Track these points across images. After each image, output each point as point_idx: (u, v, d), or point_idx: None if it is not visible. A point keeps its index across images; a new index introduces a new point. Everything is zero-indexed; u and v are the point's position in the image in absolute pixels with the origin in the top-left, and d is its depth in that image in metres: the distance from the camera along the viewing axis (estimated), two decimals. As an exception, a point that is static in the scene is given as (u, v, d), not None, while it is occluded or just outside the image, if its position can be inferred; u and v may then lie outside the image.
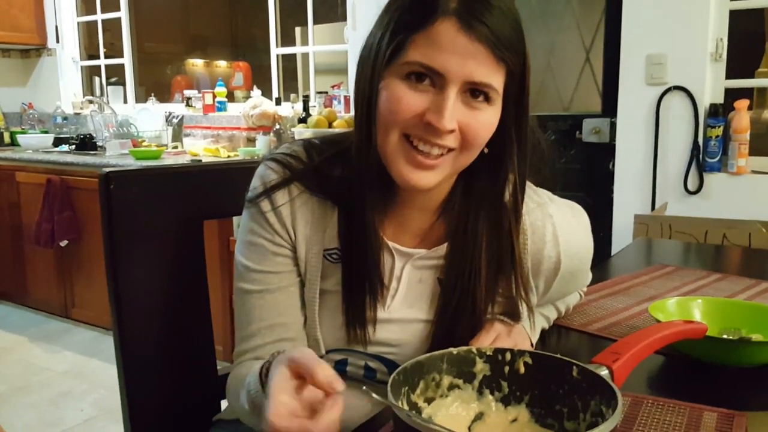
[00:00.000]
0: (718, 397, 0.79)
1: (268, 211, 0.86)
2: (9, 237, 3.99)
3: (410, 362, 0.67)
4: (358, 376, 0.91)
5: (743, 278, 1.33)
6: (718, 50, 2.53)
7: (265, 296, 0.88)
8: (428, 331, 0.88)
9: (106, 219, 1.00)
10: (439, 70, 0.73)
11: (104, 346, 3.36)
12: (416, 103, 0.75)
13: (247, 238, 0.89)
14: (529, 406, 0.70)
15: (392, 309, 0.88)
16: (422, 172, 0.78)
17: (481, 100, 0.76)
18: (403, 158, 0.78)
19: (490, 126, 0.78)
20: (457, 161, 0.79)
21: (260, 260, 0.87)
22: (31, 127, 4.63)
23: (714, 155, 2.53)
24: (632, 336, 0.75)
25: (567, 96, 2.98)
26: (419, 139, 0.77)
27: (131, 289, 1.02)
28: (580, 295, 1.12)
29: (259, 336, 0.87)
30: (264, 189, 0.86)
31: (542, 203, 0.89)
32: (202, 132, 3.95)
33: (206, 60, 5.34)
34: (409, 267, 0.88)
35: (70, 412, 2.71)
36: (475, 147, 0.79)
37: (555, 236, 0.87)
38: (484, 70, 0.74)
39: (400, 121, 0.76)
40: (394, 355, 0.89)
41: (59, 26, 4.63)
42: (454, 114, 0.75)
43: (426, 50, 0.73)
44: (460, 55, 0.73)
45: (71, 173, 3.54)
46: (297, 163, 0.87)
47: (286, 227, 0.87)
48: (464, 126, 0.76)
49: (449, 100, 0.74)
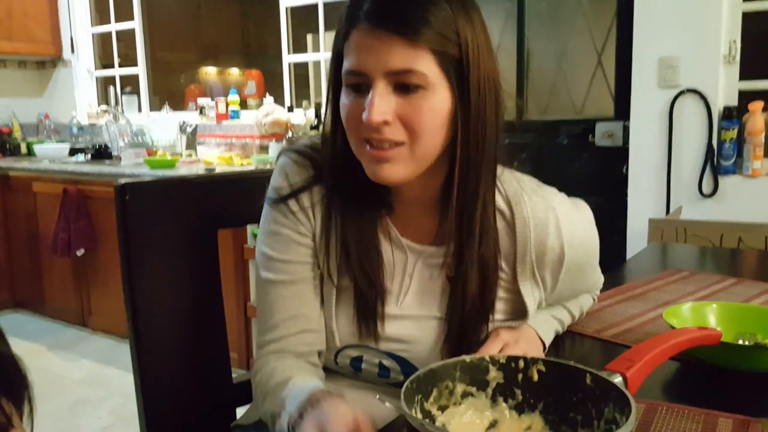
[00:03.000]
0: (734, 404, 0.78)
1: (297, 210, 0.89)
2: (26, 246, 4.03)
3: (423, 370, 0.68)
4: (372, 376, 0.92)
5: (759, 282, 1.32)
6: (731, 52, 2.52)
7: (289, 287, 0.89)
8: (440, 328, 0.89)
9: (122, 229, 1.01)
10: (361, 71, 0.78)
11: (121, 354, 3.38)
12: (358, 107, 0.79)
13: (271, 228, 0.90)
14: (542, 414, 0.70)
15: (404, 305, 0.89)
16: (384, 164, 0.80)
17: (414, 89, 0.77)
18: (365, 157, 0.82)
19: (433, 110, 0.79)
20: (414, 152, 0.80)
21: (284, 250, 0.89)
22: (48, 138, 4.69)
23: (729, 158, 2.52)
24: (646, 343, 0.74)
25: (579, 100, 2.97)
26: (370, 140, 0.80)
27: (147, 298, 1.03)
28: (593, 299, 1.12)
29: (283, 327, 0.89)
30: (291, 190, 0.89)
31: (545, 195, 0.90)
32: (216, 140, 3.98)
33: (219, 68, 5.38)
34: (421, 264, 0.90)
35: (88, 419, 2.73)
36: (425, 134, 0.79)
37: (558, 227, 0.87)
38: (401, 57, 0.76)
39: (351, 128, 0.82)
40: (407, 352, 0.89)
41: (74, 37, 4.68)
42: (383, 106, 0.77)
43: (350, 58, 0.79)
44: (374, 51, 0.77)
45: (87, 183, 3.58)
46: (317, 155, 0.90)
47: (309, 218, 0.89)
48: (403, 116, 0.78)
49: (375, 94, 0.77)
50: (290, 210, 0.89)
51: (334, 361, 0.92)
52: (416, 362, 0.89)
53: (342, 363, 0.92)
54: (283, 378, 0.84)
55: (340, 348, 0.90)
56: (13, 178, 4.02)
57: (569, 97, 3.00)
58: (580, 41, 2.92)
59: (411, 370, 0.88)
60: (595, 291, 1.10)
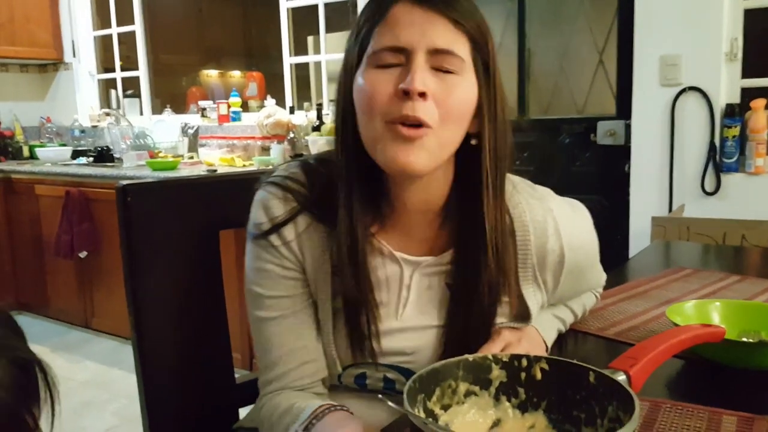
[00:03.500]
0: (738, 401, 0.78)
1: (279, 245, 0.87)
2: (30, 249, 4.04)
3: (426, 369, 0.68)
4: (378, 389, 0.92)
5: (762, 279, 1.32)
6: (733, 50, 2.51)
7: (281, 322, 0.88)
8: (441, 336, 0.88)
9: (124, 231, 1.01)
10: (402, 45, 0.77)
11: (124, 355, 3.38)
12: (389, 82, 0.77)
13: (256, 265, 0.89)
14: (546, 413, 0.69)
15: (405, 317, 0.88)
16: (410, 146, 0.77)
17: (451, 72, 0.78)
18: (389, 137, 0.77)
19: (464, 96, 0.79)
20: (440, 137, 0.78)
21: (272, 286, 0.88)
22: (50, 141, 4.69)
23: (731, 155, 2.51)
24: (649, 340, 0.74)
25: (581, 99, 2.97)
26: (399, 121, 0.76)
27: (149, 299, 1.03)
28: (596, 297, 1.11)
29: (282, 363, 0.88)
30: (272, 225, 0.86)
31: (541, 198, 0.90)
32: (218, 142, 3.98)
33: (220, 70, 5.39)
34: (418, 275, 0.89)
35: (92, 421, 2.73)
36: (455, 119, 0.79)
37: (557, 230, 0.88)
38: (444, 36, 0.77)
39: (377, 106, 0.77)
40: (411, 363, 0.89)
41: (75, 40, 4.69)
42: (425, 78, 0.76)
43: (388, 34, 0.78)
44: (418, 26, 0.77)
45: (89, 185, 3.58)
46: (298, 187, 0.87)
47: (295, 253, 0.87)
48: (438, 94, 0.77)
49: (416, 64, 0.76)
50: (272, 245, 0.87)
51: (338, 381, 0.92)
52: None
53: (346, 382, 0.92)
54: (288, 405, 0.85)
55: (346, 366, 0.90)
56: (15, 181, 4.03)
57: (571, 96, 3.00)
58: (581, 40, 2.92)
59: None
60: (597, 289, 1.10)
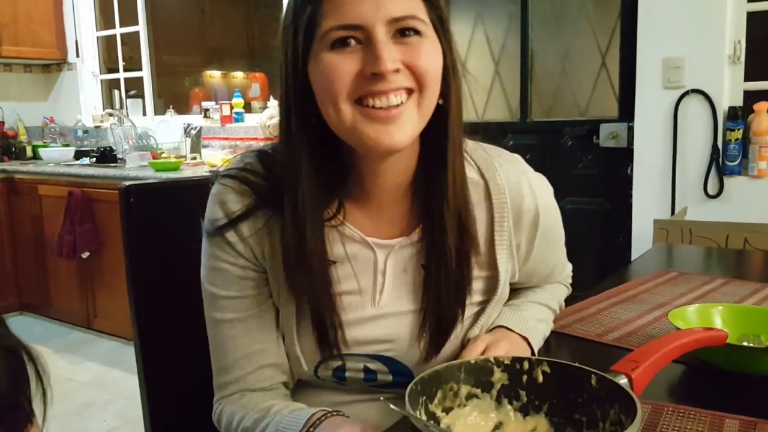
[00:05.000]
0: (740, 406, 0.77)
1: (235, 242, 0.83)
2: (32, 249, 4.05)
3: (428, 372, 0.68)
4: (358, 383, 0.88)
5: (748, 282, 1.32)
6: (736, 52, 2.51)
7: (237, 325, 0.85)
8: (420, 321, 0.85)
9: (127, 231, 1.01)
10: (357, 24, 0.72)
11: (126, 356, 3.39)
12: (351, 65, 0.73)
13: (211, 263, 0.85)
14: (548, 416, 0.69)
15: (382, 304, 0.85)
16: (390, 126, 0.74)
17: (412, 35, 0.74)
18: (365, 120, 0.74)
19: (434, 57, 0.76)
20: (420, 105, 0.76)
21: (227, 285, 0.84)
22: (53, 141, 4.70)
23: (734, 158, 2.51)
24: (651, 344, 0.74)
25: (583, 101, 2.97)
26: (372, 96, 0.74)
27: (151, 300, 1.03)
28: (567, 288, 1.10)
29: (238, 367, 0.85)
30: (227, 221, 0.82)
31: (514, 161, 0.90)
32: (220, 143, 3.98)
33: (223, 71, 5.39)
34: (392, 259, 0.85)
35: (93, 422, 2.73)
36: (431, 82, 0.76)
37: (531, 189, 0.88)
38: (400, 3, 0.73)
39: (343, 89, 0.74)
40: (391, 351, 0.86)
41: (79, 41, 4.70)
42: (393, 54, 0.73)
43: (337, 13, 0.72)
44: (370, 1, 0.72)
45: (92, 185, 3.59)
46: (256, 179, 0.83)
47: (252, 250, 0.83)
48: (409, 63, 0.74)
49: (380, 42, 0.72)
50: (228, 242, 0.83)
51: (315, 375, 0.87)
52: (402, 359, 0.86)
53: (324, 376, 0.87)
54: (260, 411, 0.81)
55: (317, 363, 0.86)
56: (18, 181, 4.04)
57: (573, 98, 3.00)
58: (584, 42, 2.91)
59: (398, 368, 0.87)
60: (566, 279, 1.09)
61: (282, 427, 0.76)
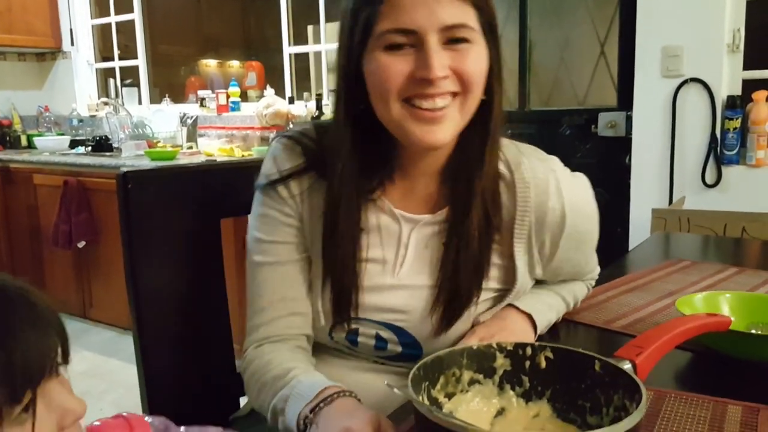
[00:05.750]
0: (745, 392, 0.77)
1: (285, 196, 0.90)
2: (27, 238, 4.03)
3: (430, 357, 0.67)
4: (369, 349, 0.92)
5: (761, 271, 1.31)
6: (735, 41, 2.50)
7: (277, 268, 0.90)
8: (433, 295, 0.89)
9: (124, 218, 1.00)
10: (411, 28, 0.77)
11: (122, 345, 3.38)
12: (403, 67, 0.78)
13: (259, 211, 0.92)
14: (550, 401, 0.69)
15: (401, 275, 0.89)
16: (434, 126, 0.80)
17: (462, 43, 0.79)
18: (411, 119, 0.80)
19: (481, 62, 0.81)
20: (463, 107, 0.82)
21: (271, 231, 0.90)
22: (48, 130, 4.68)
23: (732, 148, 2.50)
24: (655, 329, 0.74)
25: (582, 90, 2.96)
26: (420, 98, 0.79)
27: (150, 288, 1.02)
28: (588, 288, 1.10)
29: (272, 309, 0.90)
30: (279, 176, 0.89)
31: (545, 159, 0.91)
32: (217, 132, 3.97)
33: (219, 60, 5.36)
34: (416, 233, 0.90)
35: (90, 411, 2.70)
36: (475, 87, 0.81)
37: (558, 189, 0.88)
38: (453, 11, 0.78)
39: (394, 88, 0.79)
40: (404, 322, 0.89)
41: (74, 29, 4.67)
42: (442, 61, 0.78)
43: (393, 16, 0.77)
44: (424, 6, 0.77)
45: (88, 175, 3.57)
46: (309, 143, 0.90)
47: (298, 205, 0.90)
48: (457, 68, 0.79)
49: (431, 49, 0.77)
50: (279, 195, 0.90)
51: (329, 336, 0.92)
52: (413, 331, 0.90)
53: (338, 338, 0.92)
54: (281, 371, 0.84)
55: (335, 322, 0.90)
56: (13, 170, 4.01)
57: (572, 87, 2.99)
58: (583, 31, 2.90)
59: (408, 340, 0.90)
60: (590, 280, 1.09)
61: (296, 392, 0.78)
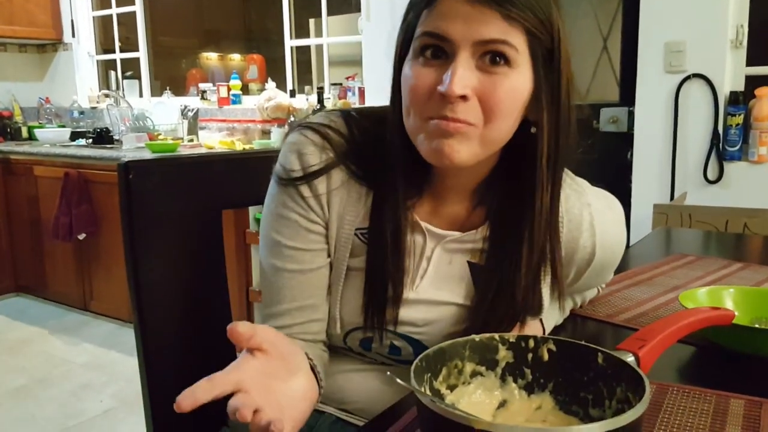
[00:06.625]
0: (748, 386, 0.77)
1: (308, 196, 0.83)
2: (28, 230, 4.03)
3: (432, 349, 0.67)
4: (382, 353, 0.90)
5: (766, 267, 1.31)
6: (739, 37, 2.49)
7: (298, 277, 0.85)
8: (458, 315, 0.86)
9: (125, 209, 1.00)
10: (444, 35, 0.72)
11: (123, 338, 3.39)
12: (429, 77, 0.74)
13: (279, 211, 0.85)
14: (553, 394, 0.69)
15: (420, 289, 0.86)
16: (449, 140, 0.73)
17: (501, 64, 0.73)
18: (429, 130, 0.75)
19: (513, 91, 0.74)
20: (485, 135, 0.75)
21: (293, 236, 0.84)
22: (48, 122, 4.67)
23: (734, 144, 2.50)
24: (658, 322, 0.73)
25: (584, 85, 2.95)
26: (437, 119, 0.74)
27: (151, 279, 1.02)
28: (598, 290, 1.11)
29: (289, 316, 0.86)
30: (304, 174, 0.82)
31: (580, 191, 0.86)
32: (218, 125, 3.96)
33: (220, 53, 5.35)
34: (440, 249, 0.86)
35: (91, 403, 2.73)
36: (501, 116, 0.74)
37: (592, 226, 0.85)
38: (493, 28, 0.71)
39: (416, 100, 0.75)
40: (422, 335, 0.87)
41: (75, 21, 4.66)
42: (466, 79, 0.72)
43: (432, 21, 0.73)
44: (464, 19, 0.71)
45: (88, 167, 3.57)
46: (338, 138, 0.84)
47: (322, 207, 0.84)
48: (482, 93, 0.73)
49: (458, 62, 0.72)
50: (301, 195, 0.83)
51: (343, 341, 0.90)
52: (430, 345, 0.85)
53: (351, 344, 0.90)
54: None
55: (350, 329, 0.88)
56: (14, 162, 4.01)
57: (574, 82, 2.98)
58: (586, 26, 2.89)
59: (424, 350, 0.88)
60: (601, 284, 1.09)
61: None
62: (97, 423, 2.58)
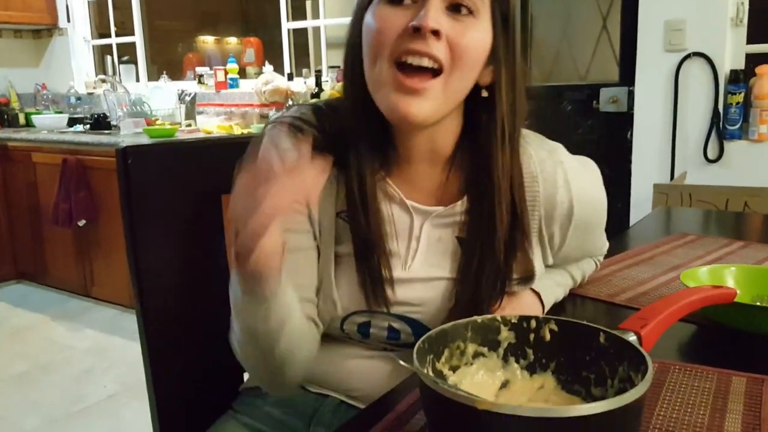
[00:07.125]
0: (749, 364, 0.77)
1: None
2: (27, 217, 4.02)
3: (435, 330, 0.67)
4: (381, 339, 0.90)
5: (767, 245, 1.31)
6: (739, 15, 2.48)
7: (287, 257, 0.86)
8: (451, 289, 0.87)
9: (124, 194, 0.99)
10: None
11: (124, 323, 3.39)
12: (400, 18, 0.75)
13: None
14: (555, 374, 0.69)
15: (413, 269, 0.88)
16: (412, 98, 0.76)
17: (465, 13, 0.76)
18: (392, 86, 0.76)
19: (479, 40, 0.78)
20: (448, 84, 0.77)
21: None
22: (46, 108, 4.65)
23: (734, 122, 2.49)
24: (660, 301, 0.73)
25: (584, 65, 2.93)
26: (409, 54, 0.75)
27: (151, 264, 1.02)
28: (596, 264, 1.10)
29: None
30: None
31: (551, 150, 0.89)
32: (215, 109, 3.94)
33: (217, 37, 5.31)
34: (428, 225, 0.88)
35: (93, 389, 2.75)
36: (467, 63, 0.77)
37: (566, 181, 0.87)
38: None
39: (386, 41, 0.76)
40: (419, 314, 0.88)
41: (69, 5, 4.61)
42: (440, 19, 0.74)
43: None
44: None
45: (86, 153, 3.55)
46: (309, 129, 0.86)
47: None
48: (451, 38, 0.75)
49: (430, 2, 0.74)
50: None
51: (341, 328, 0.90)
52: (428, 323, 0.88)
53: (349, 330, 0.90)
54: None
55: (346, 315, 0.89)
56: (12, 148, 4.00)
57: (573, 62, 2.96)
58: (585, 5, 2.87)
59: (423, 331, 0.87)
60: (599, 256, 1.09)
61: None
62: (101, 408, 2.59)
